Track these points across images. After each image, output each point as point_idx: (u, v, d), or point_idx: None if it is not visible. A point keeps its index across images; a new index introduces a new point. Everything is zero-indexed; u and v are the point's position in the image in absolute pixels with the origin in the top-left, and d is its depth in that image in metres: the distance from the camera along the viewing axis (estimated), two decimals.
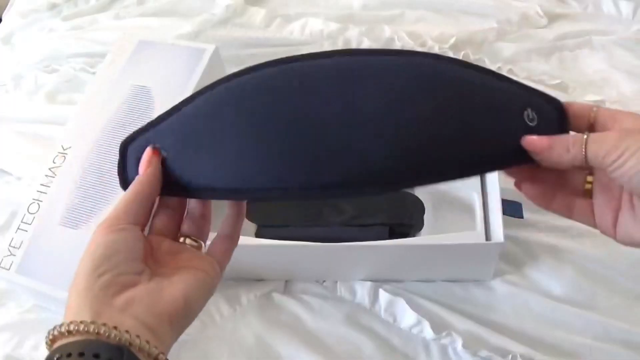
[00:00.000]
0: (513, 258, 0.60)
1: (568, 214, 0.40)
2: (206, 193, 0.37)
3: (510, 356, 0.53)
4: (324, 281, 0.61)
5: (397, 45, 0.79)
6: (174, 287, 0.34)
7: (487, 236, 0.57)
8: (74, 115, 0.65)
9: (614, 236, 0.37)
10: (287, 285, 0.61)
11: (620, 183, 0.35)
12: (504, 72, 0.77)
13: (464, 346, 0.54)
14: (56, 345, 0.32)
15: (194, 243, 0.38)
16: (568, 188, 0.39)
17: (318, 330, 0.57)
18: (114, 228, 0.36)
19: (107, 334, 0.31)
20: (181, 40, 0.80)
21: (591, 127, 0.37)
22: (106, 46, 0.84)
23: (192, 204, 0.39)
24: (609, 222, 0.38)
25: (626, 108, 0.72)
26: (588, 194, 0.38)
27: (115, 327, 0.31)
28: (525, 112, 0.37)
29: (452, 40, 0.79)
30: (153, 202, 0.37)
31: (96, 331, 0.31)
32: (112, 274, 0.34)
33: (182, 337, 0.57)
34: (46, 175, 0.60)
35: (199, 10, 0.88)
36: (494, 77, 0.40)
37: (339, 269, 0.60)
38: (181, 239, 0.38)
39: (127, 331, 0.31)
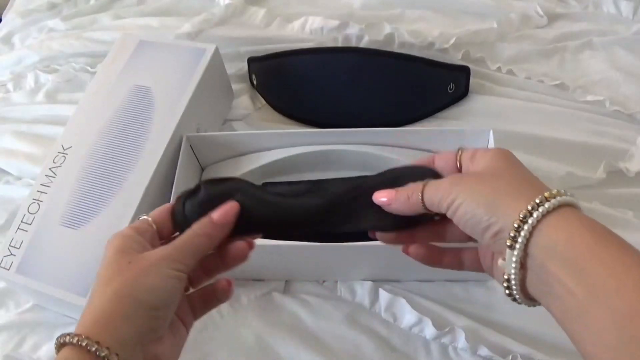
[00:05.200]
0: None
1: (459, 266, 0.40)
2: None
3: (510, 356, 0.53)
4: (324, 281, 0.61)
5: (397, 43, 0.79)
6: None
7: None
8: (74, 115, 0.65)
9: (493, 276, 0.38)
10: (287, 285, 0.61)
11: (461, 228, 0.35)
12: (504, 73, 0.78)
13: (466, 339, 0.54)
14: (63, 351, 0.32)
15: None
16: (453, 239, 0.39)
17: (318, 330, 0.57)
18: (177, 268, 0.35)
19: None
20: (181, 40, 0.80)
21: (460, 170, 0.38)
22: (106, 46, 0.84)
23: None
24: (489, 263, 0.38)
25: (626, 108, 0.73)
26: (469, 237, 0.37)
27: None
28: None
29: (452, 40, 0.79)
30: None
31: None
32: (161, 324, 0.35)
33: None
34: (46, 175, 0.60)
35: (199, 10, 0.88)
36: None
37: (339, 269, 0.60)
38: None
39: None
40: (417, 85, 0.74)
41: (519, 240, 0.31)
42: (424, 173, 0.39)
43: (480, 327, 0.56)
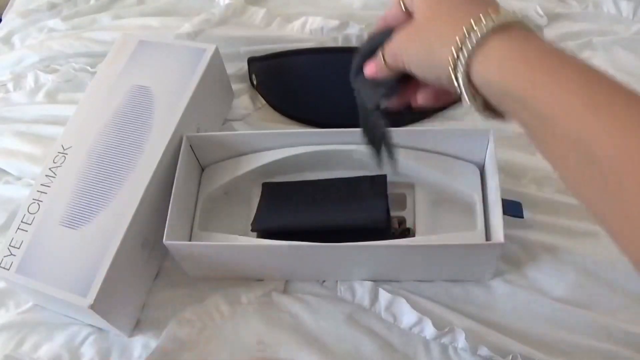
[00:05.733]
0: (513, 258, 0.60)
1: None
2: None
3: (510, 356, 0.53)
4: (324, 281, 0.61)
5: None
6: None
7: (487, 236, 0.57)
8: (74, 115, 0.65)
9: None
10: (287, 285, 0.61)
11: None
12: None
13: (466, 339, 0.54)
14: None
15: None
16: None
17: (318, 330, 0.57)
18: None
19: None
20: (181, 40, 0.80)
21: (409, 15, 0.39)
22: (106, 46, 0.84)
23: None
24: None
25: None
26: None
27: None
28: None
29: None
30: None
31: None
32: None
33: (182, 337, 0.58)
34: (46, 175, 0.60)
35: (199, 10, 0.88)
36: None
37: (339, 269, 0.60)
38: None
39: None
40: None
41: (461, 83, 0.32)
42: (385, 36, 0.41)
43: (480, 327, 0.56)
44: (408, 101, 0.42)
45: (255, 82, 0.79)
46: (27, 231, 0.57)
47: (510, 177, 0.66)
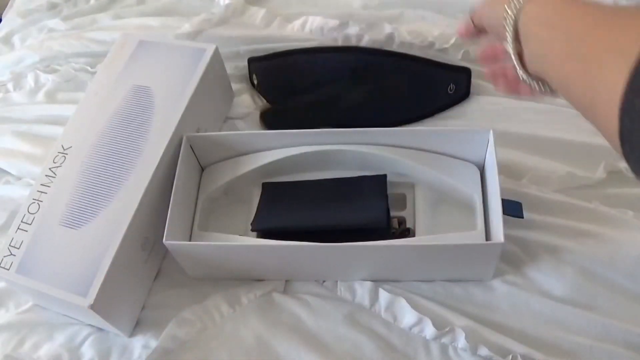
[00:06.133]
0: (513, 258, 0.60)
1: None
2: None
3: (510, 356, 0.53)
4: (324, 281, 0.61)
5: (397, 43, 0.79)
6: None
7: (487, 236, 0.57)
8: (74, 115, 0.65)
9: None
10: (287, 285, 0.61)
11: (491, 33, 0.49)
12: None
13: (466, 339, 0.54)
14: None
15: None
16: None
17: (318, 330, 0.57)
18: None
19: None
20: (181, 40, 0.80)
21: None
22: (106, 46, 0.84)
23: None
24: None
25: None
26: None
27: None
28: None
29: (452, 40, 0.78)
30: None
31: None
32: None
33: (182, 337, 0.58)
34: (46, 175, 0.60)
35: (199, 10, 0.88)
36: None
37: (339, 269, 0.60)
38: None
39: None
40: (417, 85, 0.74)
41: (509, 19, 0.43)
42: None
43: (480, 327, 0.56)
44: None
45: (255, 82, 0.79)
46: (27, 231, 0.57)
47: (510, 177, 0.66)
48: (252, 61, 0.80)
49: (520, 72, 0.45)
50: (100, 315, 0.53)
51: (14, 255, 0.55)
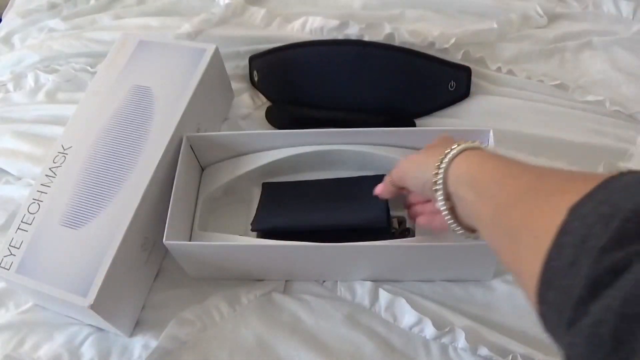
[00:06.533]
0: None
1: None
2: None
3: (510, 356, 0.53)
4: (324, 281, 0.61)
5: (397, 43, 0.79)
6: None
7: None
8: (74, 115, 0.65)
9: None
10: (287, 285, 0.61)
11: (413, 190, 0.51)
12: (504, 73, 0.78)
13: (466, 339, 0.54)
14: None
15: None
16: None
17: (318, 330, 0.57)
18: None
19: None
20: (181, 40, 0.80)
21: None
22: (106, 46, 0.84)
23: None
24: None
25: (626, 108, 0.73)
26: None
27: None
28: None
29: (452, 40, 0.79)
30: None
31: None
32: None
33: (182, 337, 0.58)
34: (46, 175, 0.60)
35: (199, 10, 0.88)
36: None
37: (339, 269, 0.60)
38: None
39: None
40: (418, 81, 0.74)
41: (439, 181, 0.44)
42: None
43: (480, 327, 0.56)
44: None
45: (256, 79, 0.79)
46: (27, 231, 0.57)
47: None
48: (253, 59, 0.80)
49: (453, 226, 0.46)
50: (100, 315, 0.53)
51: (14, 255, 0.55)
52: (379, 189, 0.55)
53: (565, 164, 0.67)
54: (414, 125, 0.73)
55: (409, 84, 0.74)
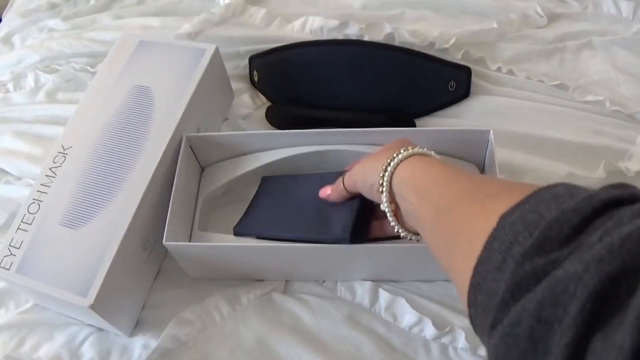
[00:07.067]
0: None
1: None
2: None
3: None
4: (324, 281, 0.61)
5: (397, 43, 0.79)
6: None
7: None
8: (74, 115, 0.65)
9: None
10: (287, 285, 0.61)
11: (362, 194, 0.51)
12: (504, 73, 0.78)
13: (466, 339, 0.54)
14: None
15: None
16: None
17: (318, 330, 0.57)
18: None
19: None
20: (181, 40, 0.80)
21: None
22: (106, 46, 0.84)
23: None
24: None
25: (626, 108, 0.73)
26: None
27: None
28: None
29: (452, 40, 0.79)
30: None
31: None
32: None
33: (182, 337, 0.58)
34: (46, 175, 0.60)
35: (199, 10, 0.88)
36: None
37: (339, 269, 0.60)
38: None
39: None
40: (418, 81, 0.74)
41: (384, 183, 0.45)
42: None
43: None
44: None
45: (256, 79, 0.79)
46: (27, 231, 0.57)
47: (511, 177, 0.66)
48: (253, 59, 0.80)
49: (397, 228, 0.48)
50: (100, 315, 0.53)
51: (14, 255, 0.55)
52: (324, 193, 0.55)
53: (565, 164, 0.67)
54: (414, 125, 0.73)
55: (409, 84, 0.74)
